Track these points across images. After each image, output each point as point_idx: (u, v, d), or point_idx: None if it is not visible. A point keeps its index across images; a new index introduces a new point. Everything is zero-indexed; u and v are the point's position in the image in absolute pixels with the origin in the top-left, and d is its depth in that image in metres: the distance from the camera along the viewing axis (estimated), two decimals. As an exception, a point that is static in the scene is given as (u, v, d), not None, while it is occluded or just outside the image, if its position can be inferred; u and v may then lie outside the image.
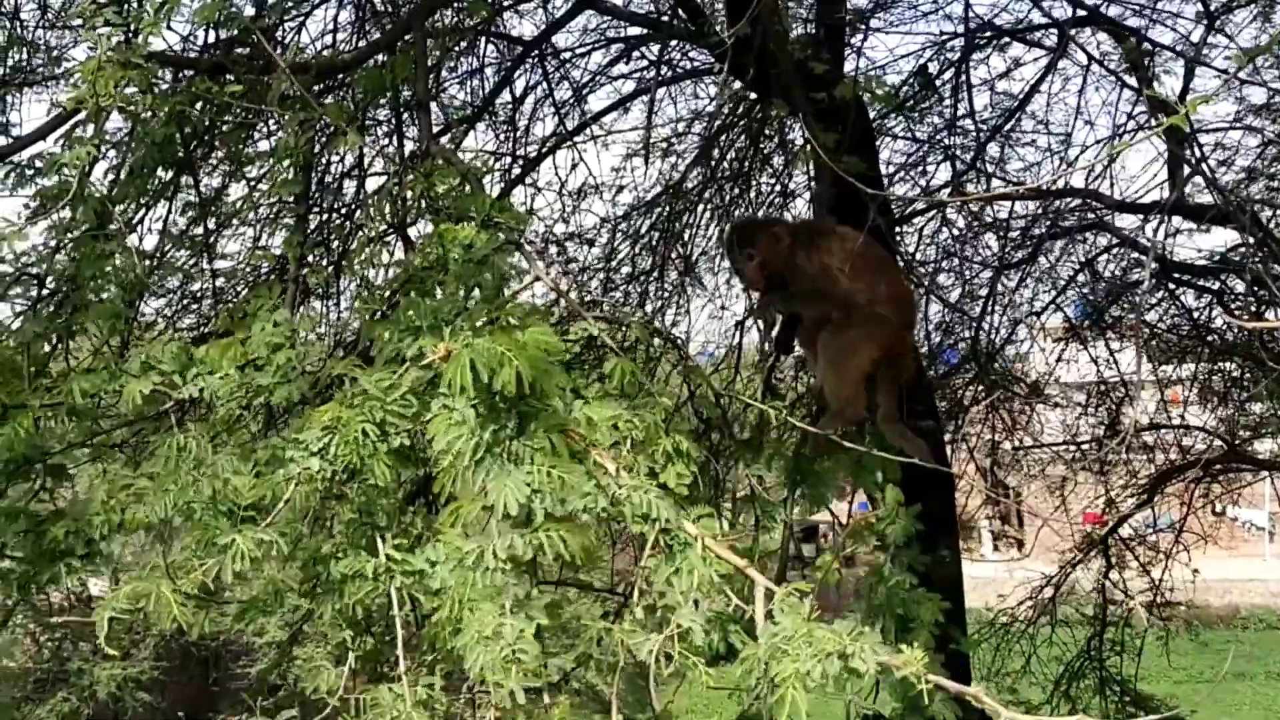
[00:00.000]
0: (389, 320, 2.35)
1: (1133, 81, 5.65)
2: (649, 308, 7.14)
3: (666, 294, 6.98)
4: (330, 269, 2.97)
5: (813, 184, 4.72)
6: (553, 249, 6.69)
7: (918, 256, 7.43)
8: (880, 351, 3.24)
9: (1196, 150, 5.98)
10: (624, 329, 2.55)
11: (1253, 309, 7.00)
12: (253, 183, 3.01)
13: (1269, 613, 15.02)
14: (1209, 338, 6.96)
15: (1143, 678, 7.20)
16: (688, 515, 2.06)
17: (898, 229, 6.85)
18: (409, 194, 2.70)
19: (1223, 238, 6.65)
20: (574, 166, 6.61)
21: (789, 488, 3.09)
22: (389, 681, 2.14)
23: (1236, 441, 6.59)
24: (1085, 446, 8.00)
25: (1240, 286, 6.79)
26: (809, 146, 3.41)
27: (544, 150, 5.31)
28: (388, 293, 2.65)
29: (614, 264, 6.96)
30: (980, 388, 7.56)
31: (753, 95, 6.59)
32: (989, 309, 7.18)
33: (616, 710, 1.93)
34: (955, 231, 7.49)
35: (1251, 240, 6.21)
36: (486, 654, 1.88)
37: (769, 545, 3.10)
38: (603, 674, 2.03)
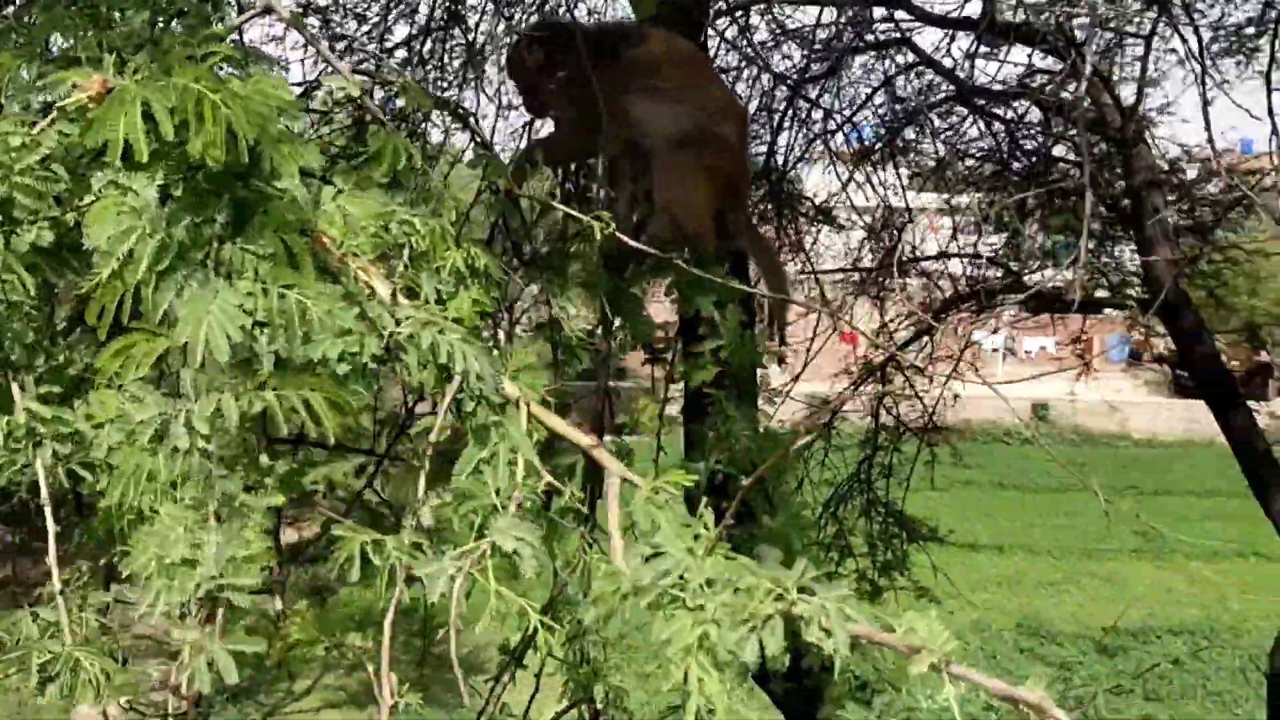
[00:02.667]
0: (25, 46, 1.45)
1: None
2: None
3: (448, 83, 6.02)
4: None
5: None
6: (312, 19, 5.58)
7: (717, 63, 6.78)
8: (731, 172, 2.60)
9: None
10: (394, 93, 1.72)
11: (1045, 139, 6.76)
12: None
13: (994, 426, 15.91)
14: (1000, 168, 6.69)
15: (908, 487, 7.17)
16: (502, 368, 1.34)
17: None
18: None
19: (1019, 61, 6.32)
20: (340, -77, 5.47)
21: (601, 316, 2.41)
22: (36, 604, 1.37)
23: (1018, 272, 6.40)
24: (859, 269, 7.76)
25: (1036, 115, 6.51)
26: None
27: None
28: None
29: (387, 45, 5.92)
30: (769, 207, 7.11)
31: None
32: (783, 125, 6.68)
33: (386, 677, 1.22)
34: (757, 39, 6.88)
35: (1060, 63, 5.86)
36: (170, 591, 1.13)
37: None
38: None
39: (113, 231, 1.31)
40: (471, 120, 1.95)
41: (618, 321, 2.50)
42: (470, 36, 5.89)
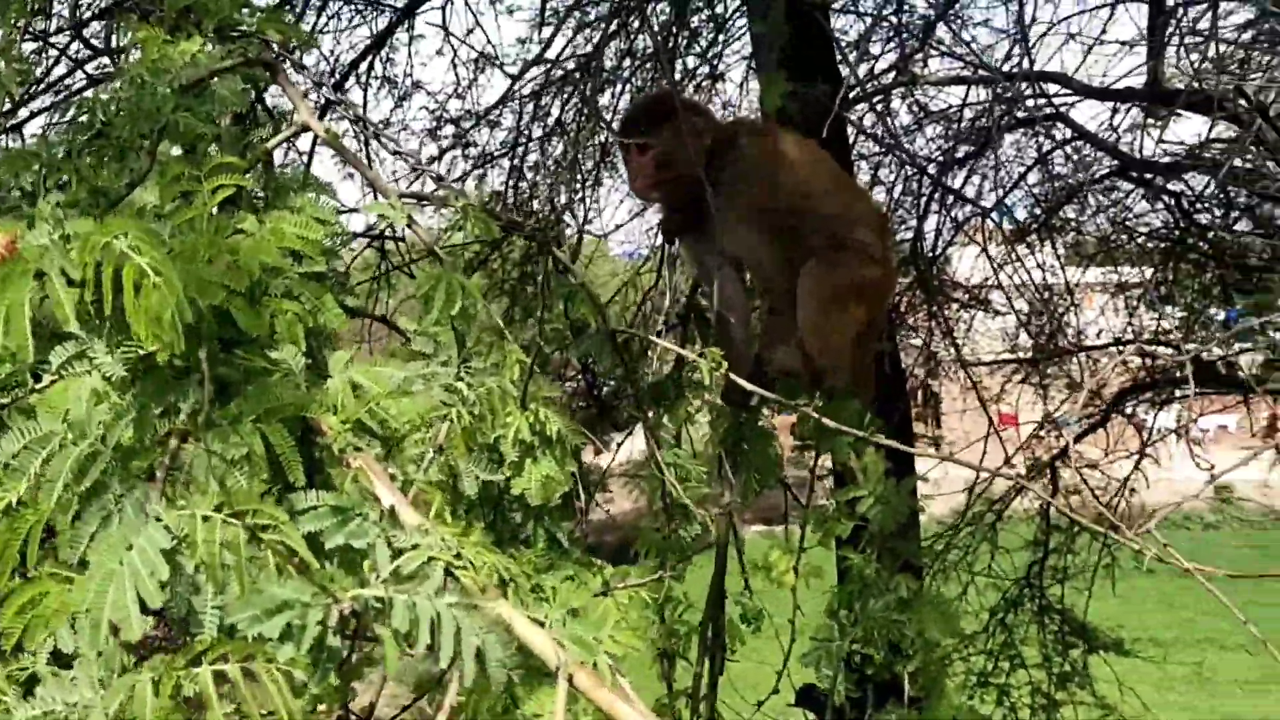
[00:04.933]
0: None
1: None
2: (561, 200, 5.97)
3: (580, 184, 5.80)
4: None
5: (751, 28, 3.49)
6: (447, 128, 5.45)
7: (856, 149, 6.40)
8: (879, 306, 2.19)
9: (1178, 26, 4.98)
10: (461, 217, 1.38)
11: (1220, 213, 6.09)
12: None
13: (1174, 510, 14.52)
14: (1174, 244, 6.02)
15: (1091, 592, 6.41)
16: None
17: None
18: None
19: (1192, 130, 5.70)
20: (469, 31, 5.36)
21: (723, 458, 1.99)
22: None
23: (1207, 358, 5.68)
24: (1021, 360, 7.17)
25: (1212, 186, 5.85)
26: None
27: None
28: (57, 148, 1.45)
29: (521, 149, 5.75)
30: (917, 293, 6.62)
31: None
32: (929, 209, 6.23)
33: None
34: (899, 122, 6.47)
35: (1236, 131, 5.25)
36: None
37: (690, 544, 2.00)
38: None
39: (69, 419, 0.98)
40: (554, 249, 1.58)
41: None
42: (604, 137, 5.66)
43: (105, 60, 2.16)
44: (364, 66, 4.46)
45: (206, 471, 0.93)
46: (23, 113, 1.93)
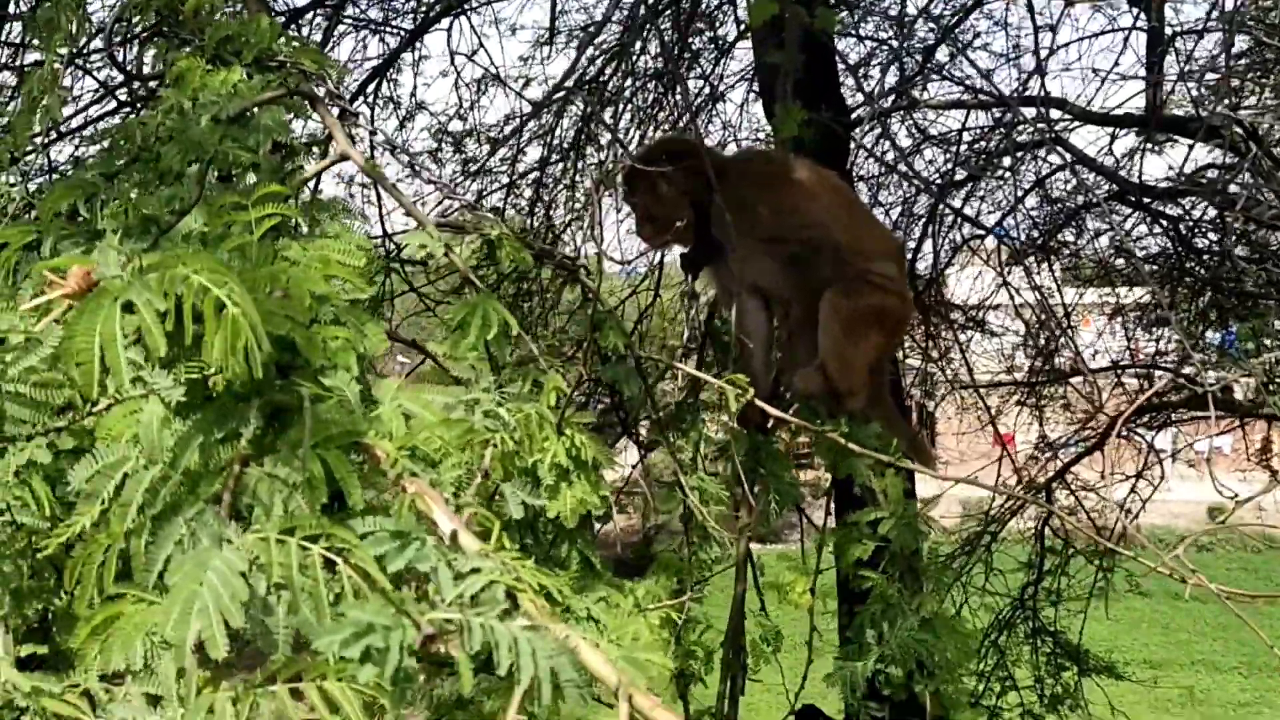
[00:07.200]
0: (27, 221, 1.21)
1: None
2: (558, 217, 6.02)
3: (579, 204, 5.85)
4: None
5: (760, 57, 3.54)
6: (447, 147, 5.49)
7: (857, 171, 6.47)
8: (897, 333, 2.25)
9: (1176, 57, 5.06)
10: (488, 243, 1.42)
11: (1218, 238, 6.15)
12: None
13: (1168, 532, 14.62)
14: (1173, 268, 6.09)
15: (1086, 615, 6.44)
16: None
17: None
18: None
19: (1188, 157, 5.77)
20: (474, 53, 5.41)
21: (744, 479, 2.03)
22: None
23: (1192, 379, 5.73)
24: (1021, 383, 7.18)
25: (1209, 211, 5.93)
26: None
27: (430, 14, 4.06)
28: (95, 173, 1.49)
29: (520, 168, 5.81)
30: (916, 314, 6.67)
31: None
32: (928, 231, 6.27)
33: None
34: (899, 144, 6.54)
35: (1232, 158, 5.33)
36: None
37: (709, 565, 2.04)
38: None
39: (95, 467, 1.01)
40: (583, 274, 1.63)
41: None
42: (603, 156, 5.72)
43: (136, 85, 2.20)
44: (370, 88, 4.50)
45: (270, 495, 0.97)
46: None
